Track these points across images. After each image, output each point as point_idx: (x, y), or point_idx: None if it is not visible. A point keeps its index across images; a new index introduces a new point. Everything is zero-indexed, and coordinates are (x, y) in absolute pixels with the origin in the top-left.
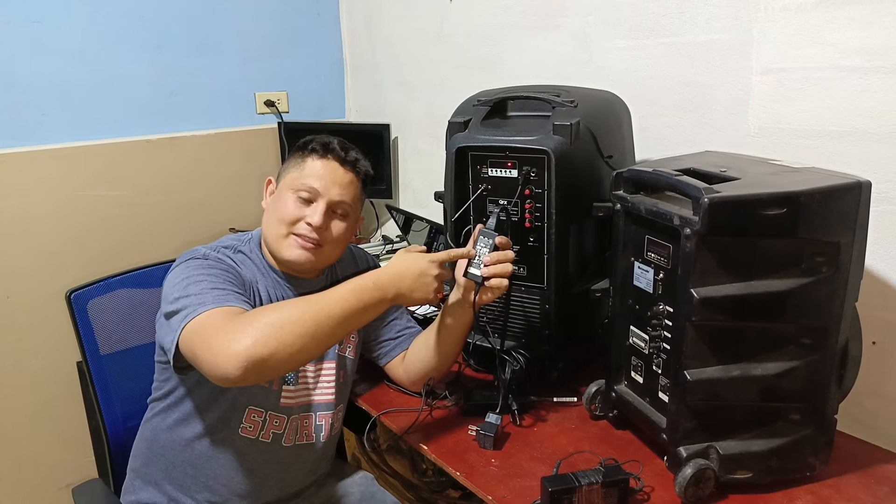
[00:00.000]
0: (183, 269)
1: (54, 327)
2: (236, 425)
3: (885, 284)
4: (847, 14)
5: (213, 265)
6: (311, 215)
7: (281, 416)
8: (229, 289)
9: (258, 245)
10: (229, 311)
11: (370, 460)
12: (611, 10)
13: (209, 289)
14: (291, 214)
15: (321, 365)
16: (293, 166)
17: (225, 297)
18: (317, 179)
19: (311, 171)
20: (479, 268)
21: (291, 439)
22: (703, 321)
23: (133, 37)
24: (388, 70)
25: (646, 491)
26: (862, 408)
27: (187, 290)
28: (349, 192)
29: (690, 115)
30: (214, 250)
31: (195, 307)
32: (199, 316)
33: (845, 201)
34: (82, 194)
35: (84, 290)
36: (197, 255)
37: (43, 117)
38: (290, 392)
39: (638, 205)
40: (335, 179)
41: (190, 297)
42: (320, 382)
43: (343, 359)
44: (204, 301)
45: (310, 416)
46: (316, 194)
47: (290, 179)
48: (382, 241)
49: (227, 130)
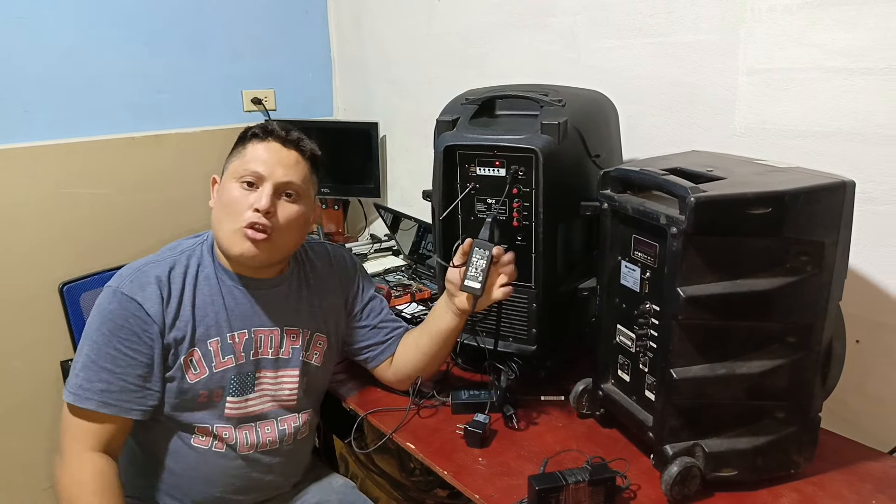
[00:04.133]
0: (92, 311)
1: (37, 325)
2: (188, 437)
3: (868, 284)
4: (832, 15)
5: (107, 319)
6: (257, 200)
7: (228, 427)
8: (100, 369)
9: (211, 247)
10: (73, 427)
11: (357, 460)
12: (599, 9)
13: (81, 366)
14: (237, 202)
15: (281, 372)
16: (234, 156)
17: (86, 390)
18: (259, 163)
19: (252, 155)
20: (476, 280)
21: (250, 446)
22: (690, 320)
23: (119, 33)
24: (377, 68)
25: (632, 489)
26: (846, 406)
27: (80, 348)
28: (296, 173)
29: (677, 114)
30: (132, 278)
31: (67, 385)
32: (65, 403)
33: (830, 201)
34: (66, 192)
35: (77, 282)
36: (107, 293)
37: (26, 114)
38: (234, 403)
39: (625, 204)
40: (279, 160)
41: (73, 364)
42: (280, 389)
43: (308, 365)
44: (71, 384)
45: (270, 423)
46: (260, 178)
47: (233, 168)
48: (370, 240)
49: (214, 128)
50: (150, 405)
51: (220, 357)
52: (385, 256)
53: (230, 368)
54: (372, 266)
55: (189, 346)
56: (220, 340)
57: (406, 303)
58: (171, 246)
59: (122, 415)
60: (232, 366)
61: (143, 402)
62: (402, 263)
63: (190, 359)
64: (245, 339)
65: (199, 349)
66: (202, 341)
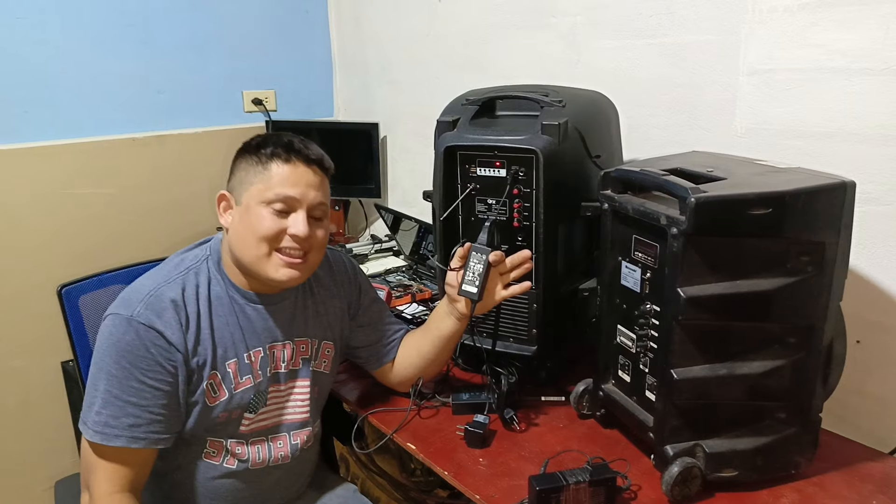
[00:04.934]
0: (102, 342)
1: (38, 325)
2: (199, 452)
3: (869, 284)
4: (832, 16)
5: (126, 351)
6: (295, 226)
7: (241, 443)
8: (125, 404)
9: (217, 264)
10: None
11: (358, 460)
12: (599, 10)
13: (102, 402)
14: (271, 230)
15: (293, 383)
16: (254, 176)
17: (113, 427)
18: (290, 186)
19: (280, 178)
20: (473, 285)
21: (262, 462)
22: (690, 320)
23: (120, 33)
24: (377, 69)
25: (633, 489)
26: (846, 406)
27: (94, 382)
28: (323, 192)
29: (678, 115)
30: (146, 303)
31: (88, 423)
32: (84, 437)
33: (830, 201)
34: (66, 192)
35: (75, 285)
36: (119, 322)
37: (25, 114)
38: (250, 419)
39: (625, 204)
40: (308, 183)
41: (89, 398)
42: (291, 401)
43: (318, 374)
44: (93, 422)
45: (283, 437)
46: (293, 203)
47: (257, 192)
48: (371, 241)
49: (215, 129)
50: (176, 431)
51: (239, 378)
52: (386, 257)
53: (249, 388)
54: (372, 266)
55: (211, 370)
56: (237, 361)
57: (407, 303)
58: (175, 263)
59: (152, 446)
60: (250, 385)
61: (171, 430)
62: (403, 264)
63: (211, 382)
64: (261, 356)
65: (219, 372)
66: (221, 363)
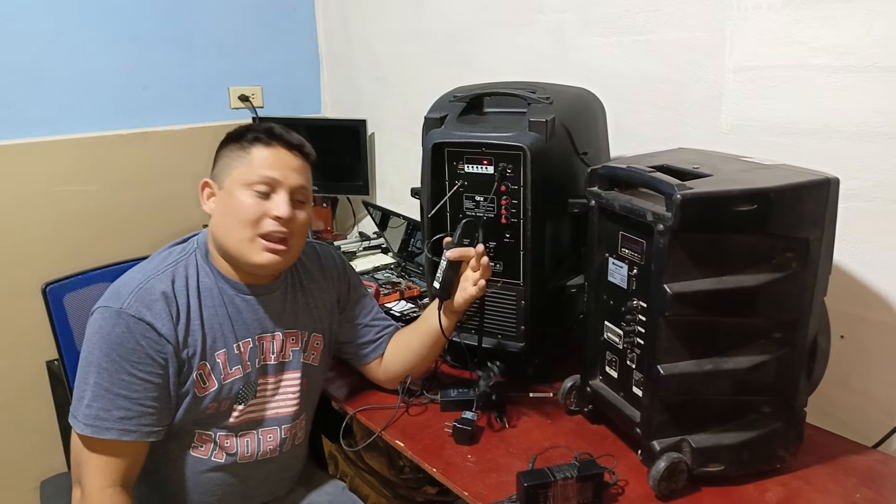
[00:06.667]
0: (91, 335)
1: (22, 324)
2: (188, 446)
3: (852, 279)
4: (816, 13)
5: (116, 344)
6: (277, 207)
7: (230, 436)
8: (115, 397)
9: (205, 256)
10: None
11: (347, 458)
12: (587, 7)
13: (92, 396)
14: (253, 212)
15: (282, 375)
16: (236, 161)
17: (104, 420)
18: (271, 168)
19: (260, 161)
20: (437, 281)
21: (250, 455)
22: (676, 316)
23: (105, 29)
24: (365, 65)
25: (620, 485)
26: (831, 401)
27: (84, 375)
28: (304, 176)
29: (664, 112)
30: (136, 296)
31: (78, 417)
32: (74, 430)
33: (814, 198)
34: (51, 190)
35: (60, 283)
36: (108, 314)
37: (9, 111)
38: (240, 410)
39: (612, 201)
40: (289, 165)
41: (79, 392)
42: (281, 393)
43: (308, 367)
44: (83, 415)
45: (272, 431)
46: (275, 184)
47: (240, 175)
48: (359, 238)
49: (201, 125)
50: (167, 423)
51: (228, 368)
52: (374, 254)
53: (238, 379)
54: (361, 264)
55: (200, 360)
56: (226, 352)
57: (395, 300)
58: (163, 256)
59: (143, 439)
60: (240, 376)
61: (161, 422)
62: (391, 261)
63: (201, 372)
64: (250, 347)
65: (209, 362)
66: (211, 354)
